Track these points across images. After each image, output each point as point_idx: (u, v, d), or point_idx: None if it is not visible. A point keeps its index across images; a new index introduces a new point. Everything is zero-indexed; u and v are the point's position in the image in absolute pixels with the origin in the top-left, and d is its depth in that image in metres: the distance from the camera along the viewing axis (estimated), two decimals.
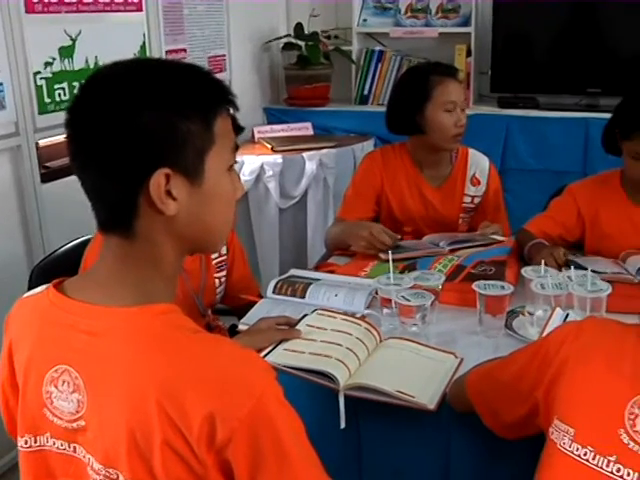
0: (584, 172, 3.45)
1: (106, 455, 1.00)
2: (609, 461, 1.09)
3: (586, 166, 3.56)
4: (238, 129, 1.11)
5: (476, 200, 2.54)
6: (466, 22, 4.10)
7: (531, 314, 1.77)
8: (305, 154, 3.60)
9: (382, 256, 2.10)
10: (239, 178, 1.15)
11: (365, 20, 4.28)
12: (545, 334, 1.43)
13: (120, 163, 0.99)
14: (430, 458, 1.56)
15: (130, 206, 1.01)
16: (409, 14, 4.25)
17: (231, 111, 1.09)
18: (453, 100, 2.39)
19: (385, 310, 1.79)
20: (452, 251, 2.15)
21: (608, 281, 1.78)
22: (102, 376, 1.01)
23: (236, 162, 1.13)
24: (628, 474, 1.08)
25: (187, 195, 1.02)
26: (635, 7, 3.81)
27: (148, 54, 3.19)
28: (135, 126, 0.97)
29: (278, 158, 3.56)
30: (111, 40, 2.96)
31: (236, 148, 1.12)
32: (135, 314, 1.01)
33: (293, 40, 4.15)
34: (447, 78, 2.42)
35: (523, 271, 1.88)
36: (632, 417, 1.10)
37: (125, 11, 3.06)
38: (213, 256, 2.01)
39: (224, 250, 2.05)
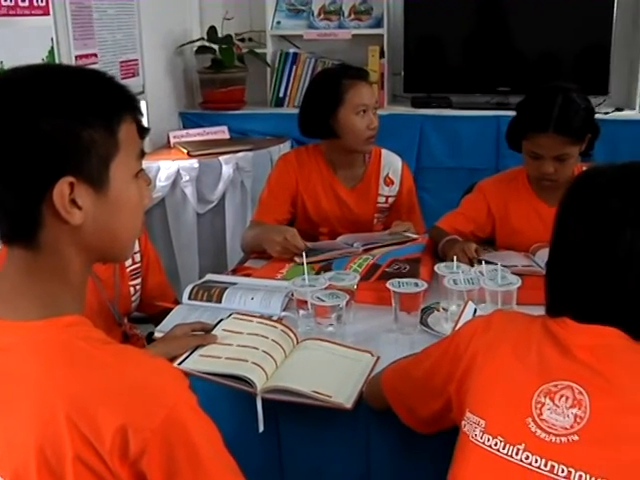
0: (497, 169, 3.52)
1: (16, 474, 0.97)
2: (518, 450, 1.12)
3: (498, 163, 3.65)
4: (143, 131, 1.09)
5: (390, 200, 2.57)
6: (378, 24, 4.14)
7: (445, 310, 1.80)
8: (221, 158, 3.57)
9: (297, 259, 2.11)
10: (148, 184, 1.13)
11: (279, 23, 4.28)
12: (457, 329, 1.46)
13: (21, 172, 0.95)
14: (350, 456, 1.57)
15: (33, 216, 0.98)
16: (322, 16, 4.27)
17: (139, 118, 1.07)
18: (365, 103, 2.41)
19: (301, 312, 1.79)
20: (367, 251, 2.17)
21: (518, 274, 1.83)
22: (8, 393, 0.97)
23: (142, 169, 1.11)
24: (536, 461, 1.11)
25: (92, 204, 0.99)
26: (541, 7, 3.93)
27: (57, 60, 3.11)
28: (35, 134, 0.94)
29: (194, 163, 3.53)
30: (17, 46, 2.87)
31: (142, 154, 1.10)
32: (41, 328, 0.98)
33: (207, 43, 4.12)
34: (358, 81, 2.44)
35: (436, 268, 1.91)
36: (539, 406, 1.13)
37: (31, 15, 2.97)
38: (127, 264, 1.97)
39: (138, 257, 2.01)
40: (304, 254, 1.89)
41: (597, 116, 3.77)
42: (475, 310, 1.69)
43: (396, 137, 3.67)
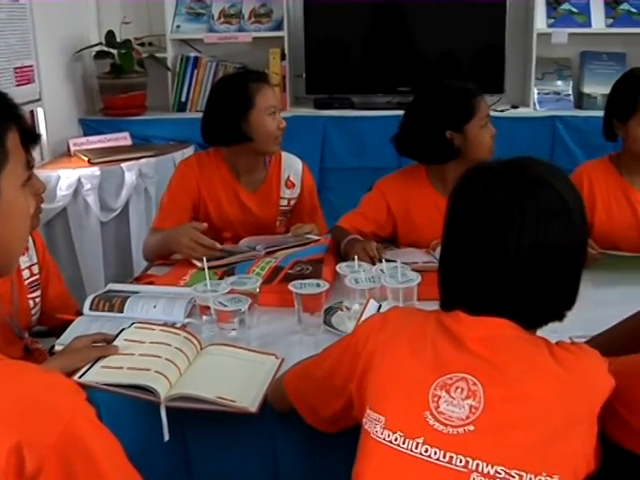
0: (400, 167, 3.58)
1: None
2: (418, 443, 1.15)
3: (401, 162, 3.71)
4: (34, 138, 1.07)
5: (292, 202, 2.59)
6: (279, 26, 4.15)
7: (348, 309, 1.83)
8: (124, 165, 3.51)
9: (198, 264, 2.10)
10: (43, 191, 1.10)
11: (178, 26, 4.24)
12: (355, 327, 1.48)
13: None
14: (258, 460, 1.57)
15: None
16: (222, 19, 4.25)
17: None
18: (274, 104, 2.44)
19: (204, 317, 1.78)
20: (269, 253, 2.17)
21: (418, 271, 1.86)
22: None
23: (31, 176, 1.09)
24: (435, 453, 1.14)
25: None
26: (438, 9, 4.02)
27: None
28: None
29: (96, 170, 3.46)
30: None
31: (29, 163, 1.08)
32: None
33: (105, 48, 4.04)
34: (263, 84, 2.46)
35: (338, 267, 1.94)
36: (436, 399, 1.16)
37: None
38: (25, 276, 1.92)
39: (36, 269, 1.96)
40: (204, 259, 1.88)
41: (493, 114, 3.92)
42: (379, 307, 1.72)
43: (299, 139, 3.69)
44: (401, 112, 2.43)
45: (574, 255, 1.23)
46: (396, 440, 1.16)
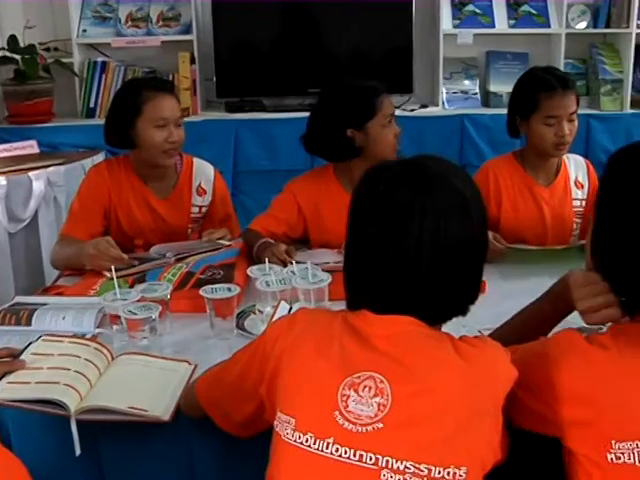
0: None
1: None
2: (328, 443, 1.15)
3: (314, 163, 3.73)
4: None
5: (204, 210, 2.56)
6: (188, 30, 4.11)
7: (261, 312, 1.83)
8: (31, 174, 3.41)
9: (107, 274, 2.06)
10: None
11: (85, 31, 4.15)
12: (263, 330, 1.48)
13: None
14: (174, 469, 1.55)
15: None
16: (130, 23, 4.18)
17: None
18: (165, 116, 2.36)
19: (115, 327, 1.75)
20: (180, 260, 2.15)
21: (329, 271, 1.88)
22: None
23: None
24: (345, 452, 1.15)
25: None
26: (347, 11, 4.05)
27: None
28: None
29: (2, 180, 3.35)
30: None
31: None
32: None
33: (8, 54, 3.92)
34: (161, 94, 2.39)
35: (249, 271, 1.93)
36: (344, 399, 1.17)
37: None
38: None
39: None
40: (113, 268, 1.85)
41: (403, 113, 4.00)
42: (290, 309, 1.72)
43: (211, 143, 3.69)
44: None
45: (474, 251, 1.25)
46: (307, 441, 1.17)
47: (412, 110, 4.04)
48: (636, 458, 1.11)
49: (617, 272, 1.23)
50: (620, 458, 1.12)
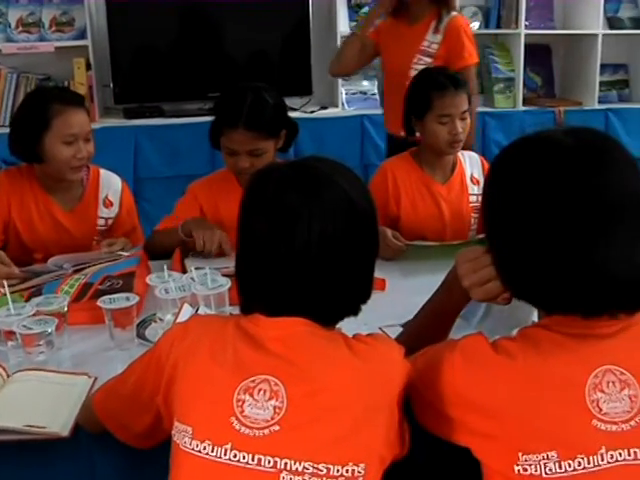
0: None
1: None
2: (226, 450, 1.15)
3: (215, 167, 3.71)
4: None
5: (110, 222, 2.50)
6: (82, 35, 4.03)
7: (162, 320, 1.80)
8: None
9: (1, 290, 1.99)
10: None
11: None
12: (157, 339, 1.45)
13: None
14: None
15: None
16: (21, 29, 4.05)
17: None
18: (74, 133, 2.28)
19: (10, 343, 1.69)
20: (78, 271, 2.10)
21: (229, 275, 1.87)
22: None
23: None
24: (244, 457, 1.14)
25: None
26: (244, 14, 4.05)
27: None
28: None
29: None
30: None
31: None
32: None
33: None
34: (71, 107, 2.30)
35: (148, 279, 1.91)
36: (240, 403, 1.17)
37: None
38: None
39: None
40: (5, 284, 1.79)
41: (303, 115, 4.03)
42: (197, 309, 1.71)
43: (110, 150, 3.58)
44: (213, 118, 2.45)
45: (363, 250, 1.27)
46: (205, 449, 1.16)
47: (312, 112, 4.07)
48: (542, 470, 1.10)
49: (511, 272, 1.22)
50: (527, 470, 1.11)
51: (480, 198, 2.61)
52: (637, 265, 1.13)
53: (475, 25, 4.37)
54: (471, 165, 2.66)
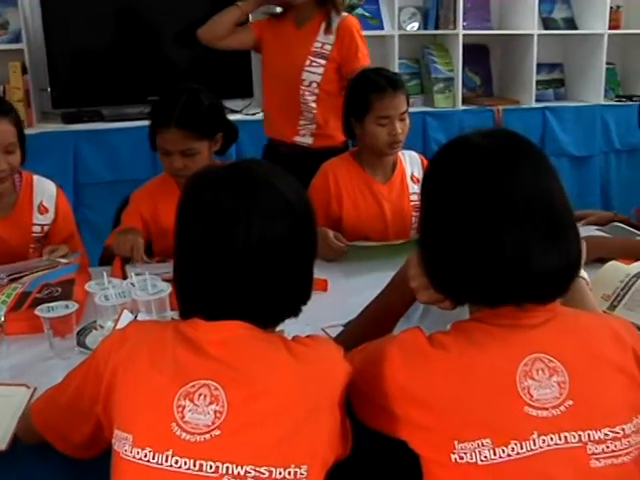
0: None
1: None
2: (167, 456, 1.14)
3: (156, 171, 3.67)
4: None
5: (46, 228, 2.44)
6: (17, 38, 3.94)
7: (102, 327, 1.78)
8: None
9: None
10: None
11: None
12: (95, 347, 1.43)
13: None
14: None
15: None
16: None
17: None
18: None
19: None
20: (15, 280, 2.06)
21: (170, 280, 1.85)
22: None
23: None
24: (185, 463, 1.14)
25: None
26: (183, 16, 4.01)
27: None
28: None
29: None
30: None
31: None
32: None
33: None
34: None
35: (87, 286, 1.88)
36: (180, 409, 1.16)
37: None
38: None
39: None
40: None
41: (245, 117, 4.01)
42: (136, 316, 1.69)
43: (49, 156, 3.55)
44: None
45: (302, 252, 1.28)
46: (146, 456, 1.15)
47: (254, 114, 4.06)
48: (478, 457, 1.13)
49: (434, 266, 1.28)
50: (463, 458, 1.14)
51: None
52: (548, 259, 1.19)
53: (414, 26, 4.42)
54: (411, 164, 2.69)
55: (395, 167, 2.65)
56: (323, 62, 3.14)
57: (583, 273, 1.67)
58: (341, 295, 2.07)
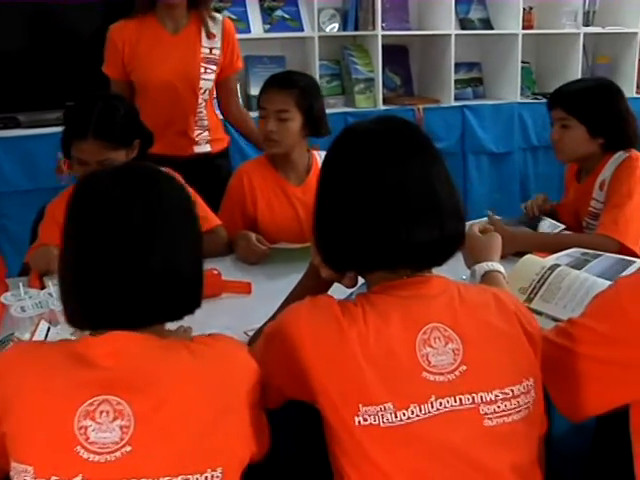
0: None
1: None
2: None
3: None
4: None
5: None
6: None
7: (20, 339, 1.74)
8: None
9: None
10: None
11: None
12: None
13: None
14: None
15: None
16: None
17: None
18: None
19: None
20: None
21: None
22: None
23: None
24: None
25: None
26: (101, 15, 3.94)
27: None
28: None
29: None
30: None
31: None
32: None
33: None
34: None
35: (2, 298, 1.84)
36: (83, 430, 1.12)
37: None
38: None
39: None
40: None
41: None
42: (49, 329, 1.66)
43: None
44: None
45: (186, 258, 1.26)
46: None
47: None
48: (380, 420, 1.19)
49: (324, 240, 1.38)
50: (367, 420, 1.19)
51: None
52: (420, 232, 1.29)
53: (334, 27, 4.45)
54: None
55: (310, 169, 2.68)
56: (214, 68, 3.05)
57: (499, 267, 1.74)
58: (264, 298, 2.06)
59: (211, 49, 3.04)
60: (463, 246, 1.43)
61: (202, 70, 3.02)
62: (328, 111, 4.25)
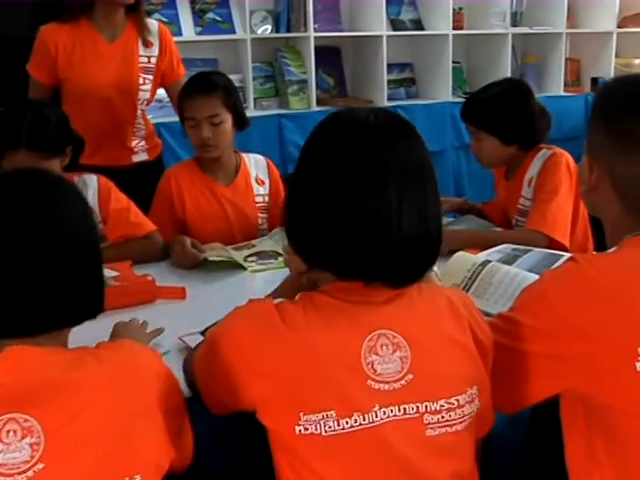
0: None
1: None
2: None
3: None
4: None
5: None
6: None
7: None
8: None
9: None
10: None
11: None
12: None
13: None
14: None
15: None
16: None
17: None
18: None
19: None
20: None
21: None
22: None
23: None
24: None
25: None
26: (22, 19, 3.85)
27: None
28: None
29: None
30: None
31: None
32: None
33: None
34: None
35: None
36: None
37: None
38: None
39: None
40: None
41: None
42: None
43: None
44: None
45: (78, 266, 1.22)
46: None
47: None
48: (322, 428, 1.17)
49: (296, 230, 1.31)
50: (308, 429, 1.17)
51: (267, 198, 2.74)
52: (407, 225, 1.24)
53: (266, 29, 4.44)
54: (256, 167, 2.76)
55: (238, 170, 2.70)
56: (151, 77, 3.00)
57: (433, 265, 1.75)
58: (199, 303, 2.07)
59: (149, 58, 2.99)
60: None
61: (141, 81, 2.98)
62: (262, 113, 4.32)
